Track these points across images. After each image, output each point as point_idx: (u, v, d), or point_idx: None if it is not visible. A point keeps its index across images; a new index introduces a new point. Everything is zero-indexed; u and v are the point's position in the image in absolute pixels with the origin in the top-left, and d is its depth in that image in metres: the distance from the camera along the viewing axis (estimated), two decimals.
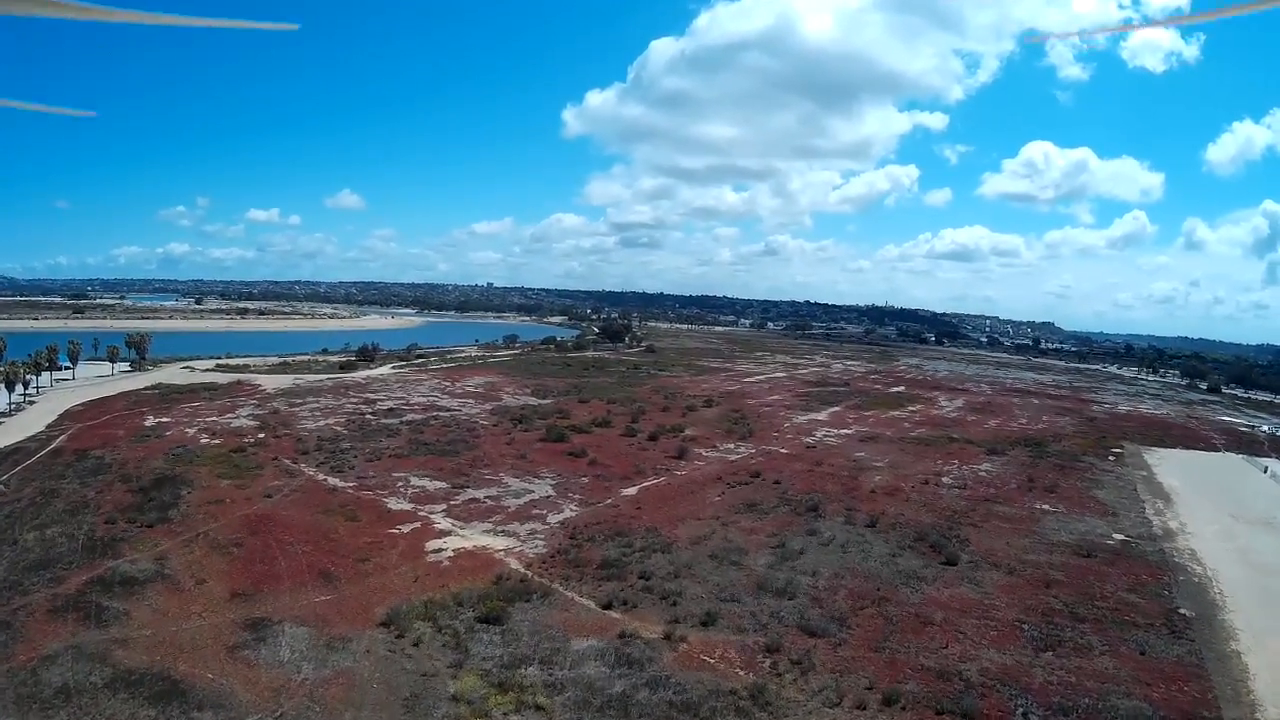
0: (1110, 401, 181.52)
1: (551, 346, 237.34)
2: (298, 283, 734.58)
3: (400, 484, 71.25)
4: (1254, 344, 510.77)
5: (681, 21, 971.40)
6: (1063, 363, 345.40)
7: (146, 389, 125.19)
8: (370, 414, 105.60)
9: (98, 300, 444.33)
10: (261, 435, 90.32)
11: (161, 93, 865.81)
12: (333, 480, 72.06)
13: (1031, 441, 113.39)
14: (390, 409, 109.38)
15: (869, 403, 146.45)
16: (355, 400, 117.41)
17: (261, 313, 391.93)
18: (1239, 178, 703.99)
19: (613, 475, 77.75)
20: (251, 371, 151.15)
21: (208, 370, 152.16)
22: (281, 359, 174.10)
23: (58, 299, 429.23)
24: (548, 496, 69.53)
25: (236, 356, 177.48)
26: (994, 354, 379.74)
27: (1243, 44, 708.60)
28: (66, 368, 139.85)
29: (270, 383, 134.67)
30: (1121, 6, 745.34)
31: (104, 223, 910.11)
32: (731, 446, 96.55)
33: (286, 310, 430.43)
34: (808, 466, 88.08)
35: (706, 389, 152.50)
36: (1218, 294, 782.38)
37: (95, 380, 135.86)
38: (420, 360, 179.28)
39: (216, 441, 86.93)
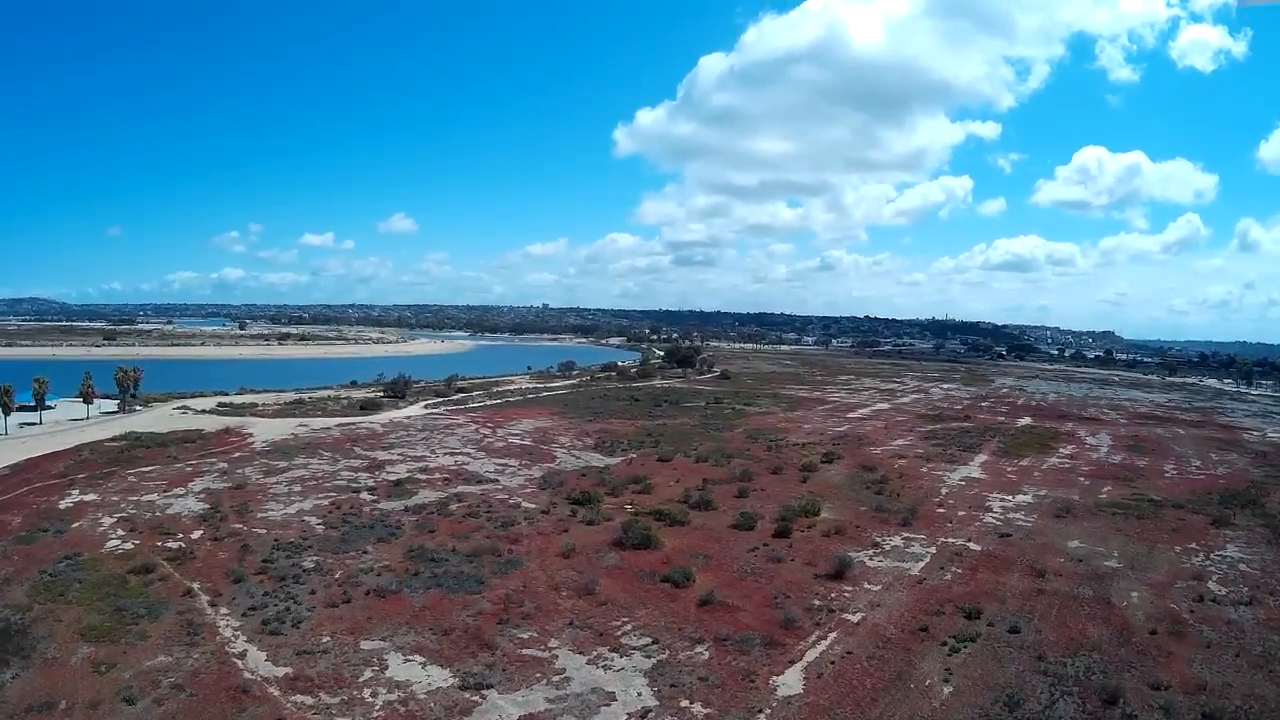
0: (1250, 426, 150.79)
1: (613, 374, 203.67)
2: (352, 306, 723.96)
3: (369, 675, 37.46)
4: None
5: (730, 37, 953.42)
6: (1156, 377, 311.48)
7: (112, 440, 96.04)
8: (368, 489, 72.96)
9: (139, 326, 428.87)
10: (198, 534, 58.73)
11: (213, 121, 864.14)
12: (255, 657, 38.99)
13: (1238, 498, 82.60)
14: (398, 481, 75.94)
15: (1013, 445, 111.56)
16: (357, 463, 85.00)
17: (303, 338, 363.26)
18: None
19: (748, 634, 42.58)
20: (254, 413, 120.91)
21: (204, 411, 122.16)
22: (297, 395, 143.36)
23: (103, 324, 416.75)
24: (645, 713, 35.31)
25: (249, 392, 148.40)
26: (1081, 369, 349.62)
27: None
28: (29, 408, 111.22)
29: (266, 431, 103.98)
30: (1170, 5, 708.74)
31: (157, 249, 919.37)
32: (898, 543, 61.75)
33: (330, 335, 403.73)
34: (1029, 581, 54.08)
35: (811, 431, 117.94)
36: (1273, 295, 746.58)
37: (65, 426, 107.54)
38: (460, 396, 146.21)
39: (128, 546, 56.07)
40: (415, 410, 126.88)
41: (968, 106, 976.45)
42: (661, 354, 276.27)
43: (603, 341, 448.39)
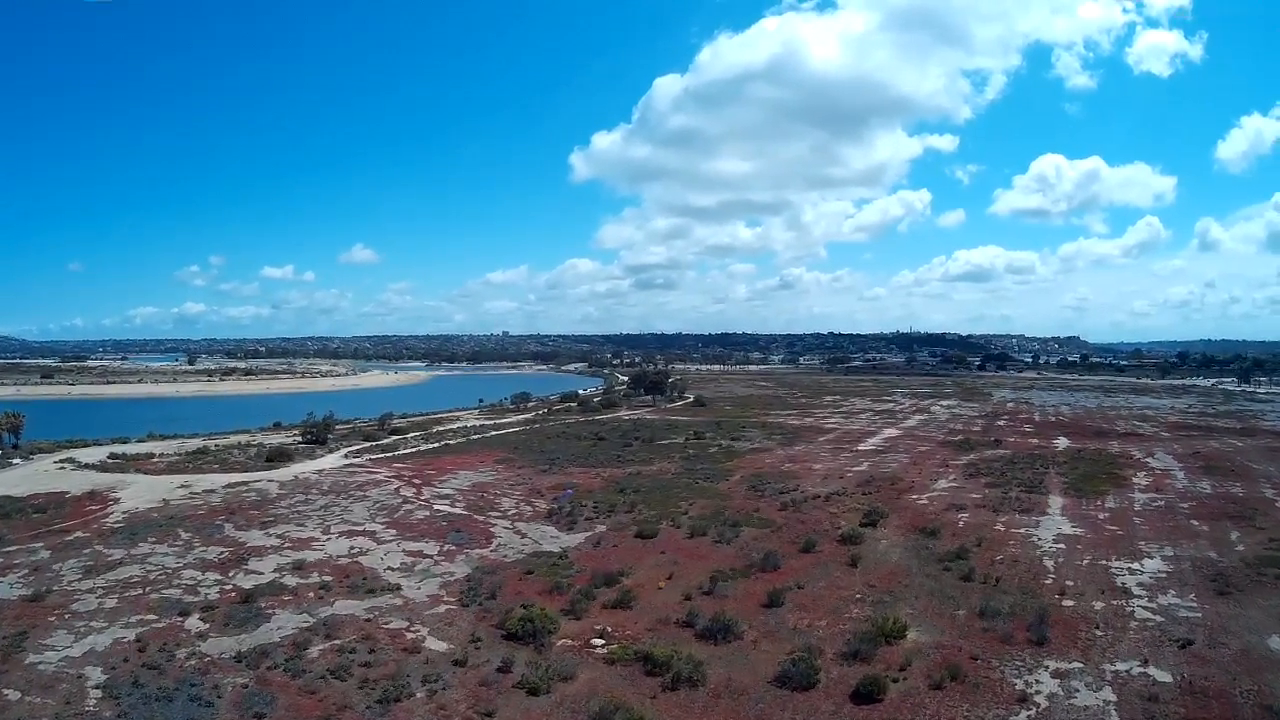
0: None
1: (574, 404, 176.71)
2: (311, 339, 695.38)
3: None
4: (1275, 339, 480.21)
5: (685, 58, 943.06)
6: (1151, 380, 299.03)
7: None
8: (204, 607, 45.08)
9: (88, 363, 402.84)
10: None
11: (171, 153, 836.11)
12: None
13: None
14: (250, 593, 47.49)
15: (1078, 479, 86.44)
16: (215, 552, 56.94)
17: (248, 372, 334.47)
18: (1250, 173, 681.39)
19: None
20: (142, 467, 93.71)
21: (88, 465, 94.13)
22: (204, 442, 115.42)
23: (55, 361, 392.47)
24: None
25: (154, 438, 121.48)
26: (1070, 375, 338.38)
27: (1247, 38, 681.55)
28: None
29: (137, 495, 76.73)
30: (1126, 11, 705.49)
31: (119, 284, 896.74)
32: (1052, 685, 35.36)
33: (279, 368, 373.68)
34: None
35: (826, 474, 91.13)
36: (1233, 293, 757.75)
37: None
38: (392, 439, 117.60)
39: None
40: (331, 460, 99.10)
41: (925, 120, 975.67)
42: (626, 380, 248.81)
43: (563, 368, 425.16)
